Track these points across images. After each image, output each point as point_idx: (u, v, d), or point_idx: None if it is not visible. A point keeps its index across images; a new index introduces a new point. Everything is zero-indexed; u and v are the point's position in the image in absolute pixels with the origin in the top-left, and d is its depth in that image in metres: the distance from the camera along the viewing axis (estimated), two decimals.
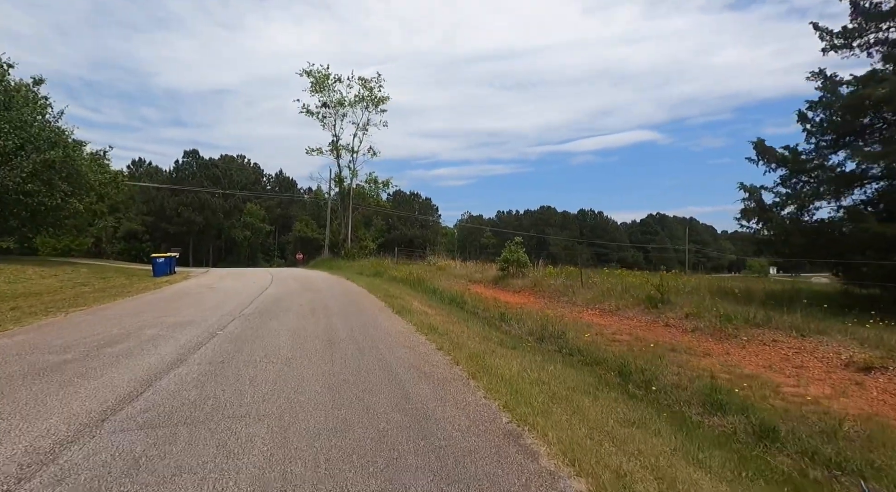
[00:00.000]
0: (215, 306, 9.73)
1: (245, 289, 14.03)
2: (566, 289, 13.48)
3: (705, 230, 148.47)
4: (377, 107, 38.56)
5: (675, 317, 9.27)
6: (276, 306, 9.94)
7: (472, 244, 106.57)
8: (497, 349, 6.50)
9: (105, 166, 27.36)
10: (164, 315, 8.37)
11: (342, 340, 6.52)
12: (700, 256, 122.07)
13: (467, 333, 7.65)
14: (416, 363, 5.31)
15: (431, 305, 11.28)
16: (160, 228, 61.29)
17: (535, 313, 10.70)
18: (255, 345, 6.04)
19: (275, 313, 8.91)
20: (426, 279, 18.72)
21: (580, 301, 11.94)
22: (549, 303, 12.41)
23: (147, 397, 3.90)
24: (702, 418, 4.61)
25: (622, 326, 9.29)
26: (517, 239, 16.99)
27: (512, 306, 11.95)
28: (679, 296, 10.59)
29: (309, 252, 52.59)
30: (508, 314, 10.43)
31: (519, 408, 3.82)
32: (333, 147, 38.83)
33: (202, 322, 7.69)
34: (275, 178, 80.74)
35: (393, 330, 7.48)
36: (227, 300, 10.89)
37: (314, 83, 37.60)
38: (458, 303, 12.58)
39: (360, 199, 41.81)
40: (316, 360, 5.36)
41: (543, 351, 7.46)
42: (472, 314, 11.27)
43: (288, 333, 6.97)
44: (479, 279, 18.24)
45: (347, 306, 10.25)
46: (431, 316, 9.32)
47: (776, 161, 11.24)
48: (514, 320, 9.92)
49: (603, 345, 7.65)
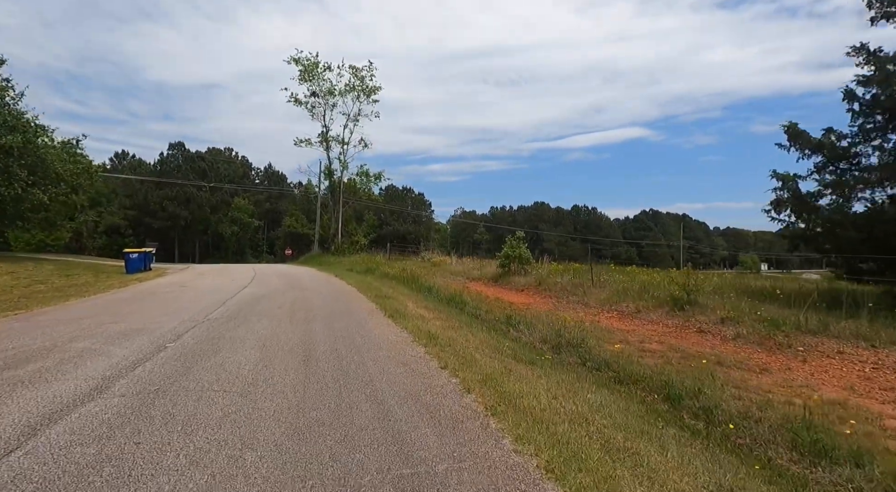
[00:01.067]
0: (180, 309, 8.41)
1: (222, 287, 12.68)
2: (575, 288, 12.31)
3: (698, 226, 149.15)
4: (369, 97, 37.08)
5: (707, 321, 8.12)
6: (251, 308, 8.64)
7: (465, 240, 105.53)
8: (513, 366, 5.28)
9: (78, 156, 25.67)
10: (111, 321, 7.03)
11: (322, 355, 5.26)
12: (692, 252, 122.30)
13: (473, 343, 6.42)
14: (414, 390, 4.07)
15: (428, 307, 10.04)
16: (144, 223, 59.28)
17: (546, 316, 9.51)
18: (209, 363, 4.76)
19: (247, 317, 7.61)
20: (421, 277, 17.48)
21: (593, 302, 10.77)
22: (559, 304, 11.23)
23: (10, 462, 2.62)
24: (801, 470, 3.43)
25: (648, 331, 8.13)
26: (518, 234, 15.79)
27: (517, 308, 10.75)
28: (705, 296, 9.46)
29: (299, 248, 51.02)
30: (515, 317, 9.23)
31: (570, 474, 2.60)
32: (323, 138, 37.29)
33: (155, 330, 6.38)
34: (264, 172, 78.79)
35: (385, 339, 6.23)
36: (196, 301, 9.56)
37: (303, 72, 35.98)
38: (458, 304, 11.35)
39: (352, 193, 40.38)
40: (284, 386, 4.09)
41: (565, 364, 6.26)
42: (474, 317, 10.06)
43: (257, 344, 5.69)
44: (478, 277, 17.04)
45: (333, 308, 8.97)
46: (429, 320, 8.08)
47: (811, 147, 10.12)
48: (522, 325, 8.72)
49: (634, 356, 6.47)
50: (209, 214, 63.39)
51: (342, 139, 37.56)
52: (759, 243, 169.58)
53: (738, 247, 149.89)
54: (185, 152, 67.03)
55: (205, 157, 68.16)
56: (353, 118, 37.26)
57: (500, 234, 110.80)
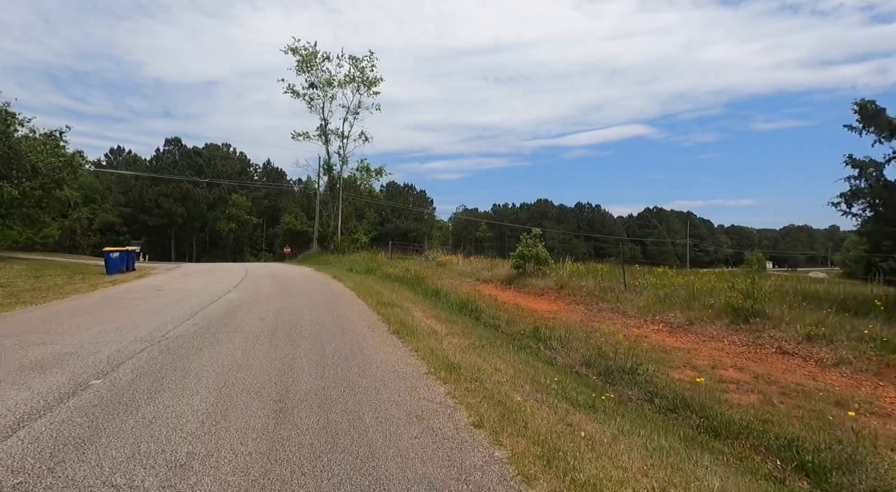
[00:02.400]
0: (139, 321, 6.89)
1: (202, 291, 11.17)
2: (605, 293, 10.77)
3: (702, 224, 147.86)
4: (369, 89, 35.55)
5: (787, 339, 6.58)
6: (225, 321, 7.12)
7: (467, 238, 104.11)
8: (572, 416, 3.75)
9: (60, 149, 24.18)
10: (39, 341, 5.52)
11: (303, 401, 3.73)
12: (697, 250, 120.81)
13: (506, 373, 4.89)
14: (445, 478, 2.55)
15: (439, 317, 8.51)
16: (139, 220, 57.82)
17: (580, 328, 7.98)
18: (132, 422, 3.24)
19: (216, 335, 6.09)
20: (427, 278, 15.97)
21: (631, 310, 9.23)
22: (589, 312, 9.69)
23: None
24: None
25: (714, 351, 6.59)
26: (535, 231, 14.25)
27: (542, 316, 9.23)
28: (772, 305, 7.91)
29: (298, 246, 49.51)
30: (544, 330, 7.71)
31: None
32: (322, 132, 35.78)
33: (87, 356, 4.86)
34: (262, 168, 77.24)
35: (390, 370, 4.71)
36: (164, 310, 8.04)
37: (300, 62, 34.42)
38: (472, 312, 9.84)
39: (352, 189, 38.84)
40: (234, 470, 2.57)
41: (628, 403, 4.73)
42: (493, 328, 8.53)
43: (215, 382, 4.17)
44: (489, 278, 15.52)
45: (327, 321, 7.45)
46: (443, 337, 6.56)
47: (890, 129, 8.56)
48: (555, 341, 7.19)
49: (715, 390, 4.94)
50: (206, 211, 61.91)
51: (342, 133, 36.08)
52: (764, 241, 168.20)
53: (742, 245, 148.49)
54: (182, 148, 65.54)
55: (202, 152, 66.65)
56: (353, 111, 35.77)
57: (502, 231, 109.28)
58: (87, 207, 58.66)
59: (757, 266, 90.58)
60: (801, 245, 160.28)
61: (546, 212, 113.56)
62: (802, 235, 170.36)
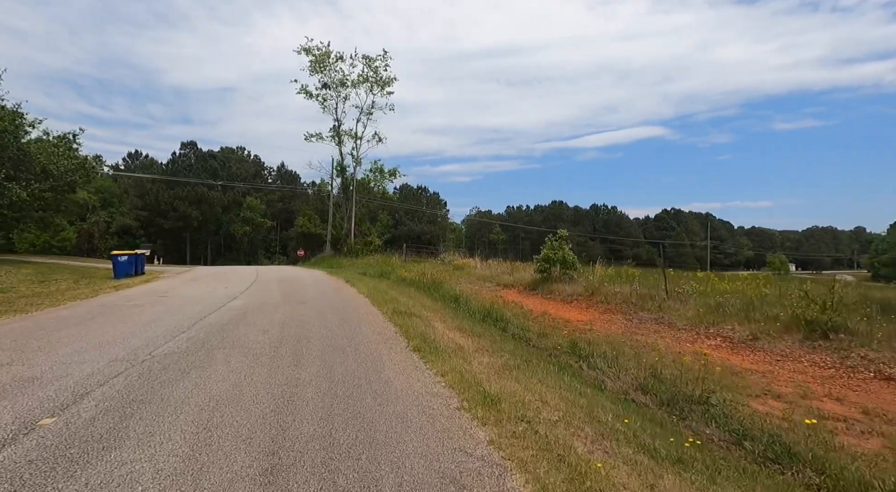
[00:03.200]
0: (127, 335, 6.13)
1: (207, 297, 10.45)
2: (643, 300, 9.72)
3: (722, 226, 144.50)
4: (383, 89, 34.88)
5: (886, 360, 5.50)
6: (224, 335, 6.31)
7: (480, 240, 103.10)
8: (666, 484, 2.79)
9: (74, 151, 23.97)
10: (7, 361, 4.74)
11: (302, 454, 2.85)
12: (716, 252, 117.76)
13: (556, 406, 3.95)
14: None
15: (462, 329, 7.59)
16: (155, 223, 58.18)
17: (623, 343, 6.98)
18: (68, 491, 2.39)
19: (210, 353, 5.28)
20: (444, 283, 15.07)
21: (680, 321, 8.18)
22: (629, 322, 8.67)
23: None
24: None
25: (795, 375, 5.54)
26: (561, 232, 13.23)
27: (577, 328, 8.24)
28: (851, 316, 6.79)
29: (312, 248, 49.14)
30: (583, 345, 6.73)
31: None
32: (335, 132, 35.19)
33: (53, 382, 4.06)
34: (276, 171, 77.40)
35: (414, 405, 3.81)
36: (160, 320, 7.29)
37: (313, 62, 33.93)
38: (497, 321, 8.90)
39: (365, 191, 38.20)
40: None
41: (707, 445, 3.75)
42: (523, 342, 7.59)
43: (194, 421, 3.31)
44: (510, 283, 14.55)
45: (337, 334, 6.60)
46: (471, 354, 5.64)
47: None
48: (597, 357, 6.22)
49: (821, 432, 3.92)
50: (221, 214, 62.09)
51: (355, 133, 35.44)
52: (787, 243, 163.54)
53: (763, 246, 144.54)
54: (198, 152, 65.92)
55: (216, 156, 67.00)
56: (367, 111, 35.13)
57: (516, 233, 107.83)
58: (105, 210, 59.30)
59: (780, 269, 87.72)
60: (825, 247, 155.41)
61: (561, 214, 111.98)
62: (827, 237, 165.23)
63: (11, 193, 15.96)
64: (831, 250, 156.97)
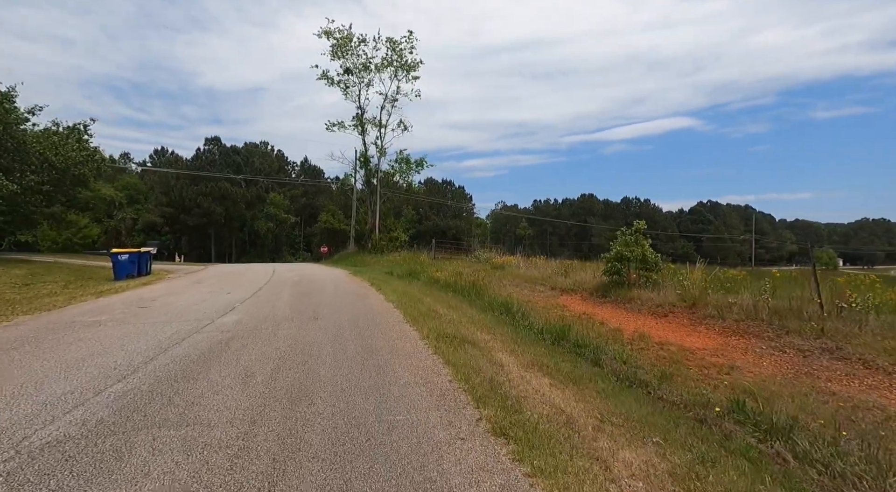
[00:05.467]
0: (19, 390, 3.95)
1: (197, 308, 8.31)
2: (782, 316, 6.99)
3: (763, 218, 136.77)
4: (408, 73, 32.49)
5: None
6: (178, 390, 4.06)
7: (506, 235, 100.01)
8: None
9: (84, 142, 22.57)
10: None
11: None
12: (758, 246, 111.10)
13: None
14: None
15: (544, 367, 5.11)
16: (179, 220, 57.76)
17: (809, 397, 4.37)
18: None
19: (129, 442, 3.01)
20: (486, 286, 12.63)
21: (879, 357, 5.45)
22: (782, 354, 5.97)
23: None
24: None
25: None
26: (638, 224, 10.53)
27: (704, 362, 5.64)
28: None
29: (336, 245, 47.52)
30: (743, 397, 4.16)
31: None
32: (358, 121, 33.07)
33: None
34: (300, 166, 76.38)
35: None
36: (104, 354, 5.11)
37: (335, 46, 31.82)
38: (579, 347, 6.37)
39: (389, 185, 36.00)
40: None
41: None
42: (639, 388, 5.06)
43: None
44: (568, 287, 11.97)
45: (359, 383, 4.25)
46: (589, 430, 3.19)
47: None
48: (805, 437, 3.65)
49: None
50: (244, 209, 61.26)
51: (379, 121, 33.24)
52: (833, 236, 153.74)
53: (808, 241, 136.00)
54: (222, 147, 65.24)
55: (240, 151, 66.23)
56: (391, 98, 32.84)
57: (544, 228, 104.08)
58: (132, 207, 59.34)
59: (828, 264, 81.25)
60: (878, 241, 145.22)
61: (591, 207, 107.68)
62: (879, 229, 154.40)
63: (3, 187, 14.34)
64: (884, 244, 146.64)
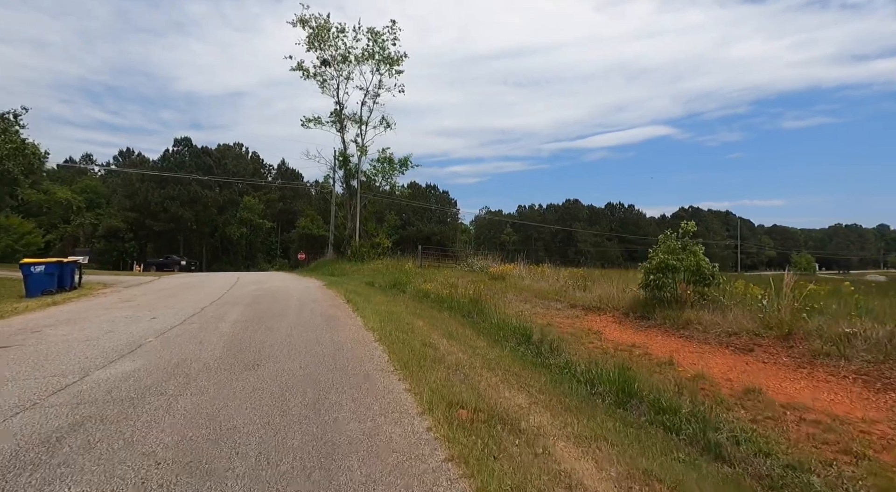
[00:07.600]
0: None
1: (94, 345, 5.66)
2: None
3: (742, 224, 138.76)
4: (391, 67, 30.13)
5: None
6: None
7: (490, 241, 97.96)
8: None
9: (12, 133, 19.44)
10: None
11: None
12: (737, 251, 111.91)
13: None
14: None
15: (647, 478, 2.78)
16: (145, 225, 53.84)
17: None
18: None
19: None
20: (488, 302, 10.26)
21: None
22: None
23: None
24: None
25: None
26: (687, 226, 8.31)
27: (857, 450, 3.32)
28: None
29: (314, 251, 44.56)
30: None
31: None
32: (336, 117, 30.49)
33: None
34: (277, 169, 72.95)
35: None
36: None
37: (311, 35, 29.28)
38: (668, 414, 4.03)
39: (371, 190, 33.39)
40: None
41: None
42: None
43: None
44: (594, 305, 9.67)
45: None
46: None
47: None
48: None
49: None
50: (216, 214, 57.62)
51: (359, 118, 30.75)
52: (809, 242, 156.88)
53: (785, 246, 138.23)
54: (192, 148, 61.47)
55: (212, 153, 62.55)
56: (373, 93, 30.42)
57: (529, 234, 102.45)
58: (91, 212, 55.14)
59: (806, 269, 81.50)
60: (852, 246, 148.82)
61: (577, 213, 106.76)
62: (852, 235, 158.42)
63: None
64: (857, 249, 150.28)
